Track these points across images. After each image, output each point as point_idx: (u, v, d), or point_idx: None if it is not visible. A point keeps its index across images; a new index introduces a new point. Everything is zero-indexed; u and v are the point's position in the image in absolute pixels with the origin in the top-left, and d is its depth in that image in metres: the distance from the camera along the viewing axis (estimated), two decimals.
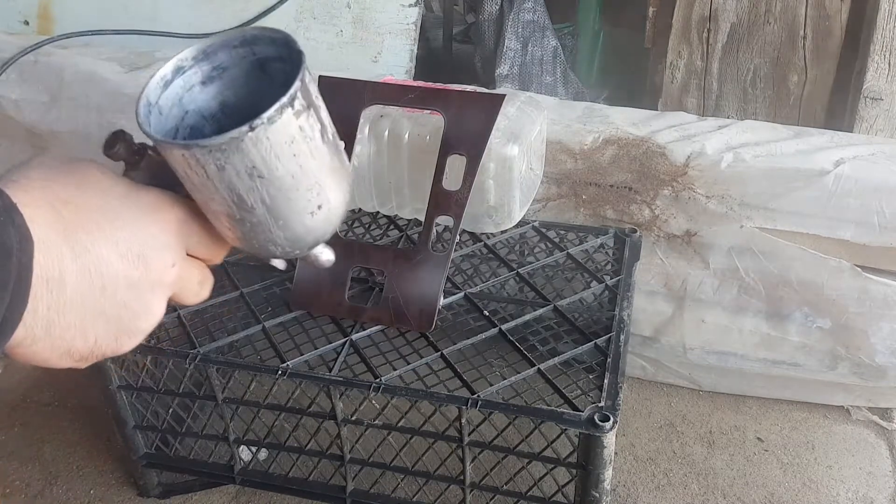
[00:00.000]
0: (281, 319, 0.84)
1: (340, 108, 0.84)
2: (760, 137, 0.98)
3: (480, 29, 1.62)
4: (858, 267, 0.93)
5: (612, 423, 0.70)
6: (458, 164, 0.81)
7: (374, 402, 0.77)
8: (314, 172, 0.42)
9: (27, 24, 1.46)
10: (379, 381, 0.76)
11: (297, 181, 0.41)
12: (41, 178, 0.38)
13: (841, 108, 1.28)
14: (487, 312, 0.84)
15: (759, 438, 1.01)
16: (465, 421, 0.75)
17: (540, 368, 0.77)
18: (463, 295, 0.86)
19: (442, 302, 0.83)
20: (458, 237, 0.82)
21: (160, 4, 1.41)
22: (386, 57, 1.35)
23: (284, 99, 0.38)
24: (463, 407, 0.73)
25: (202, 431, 0.88)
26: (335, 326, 0.84)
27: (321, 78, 0.85)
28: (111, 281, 0.38)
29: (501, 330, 0.82)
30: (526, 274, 0.90)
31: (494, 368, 0.82)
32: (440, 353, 0.79)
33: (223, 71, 0.44)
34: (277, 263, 0.50)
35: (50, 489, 0.96)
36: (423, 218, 0.82)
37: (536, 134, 0.89)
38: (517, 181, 0.86)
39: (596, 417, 0.71)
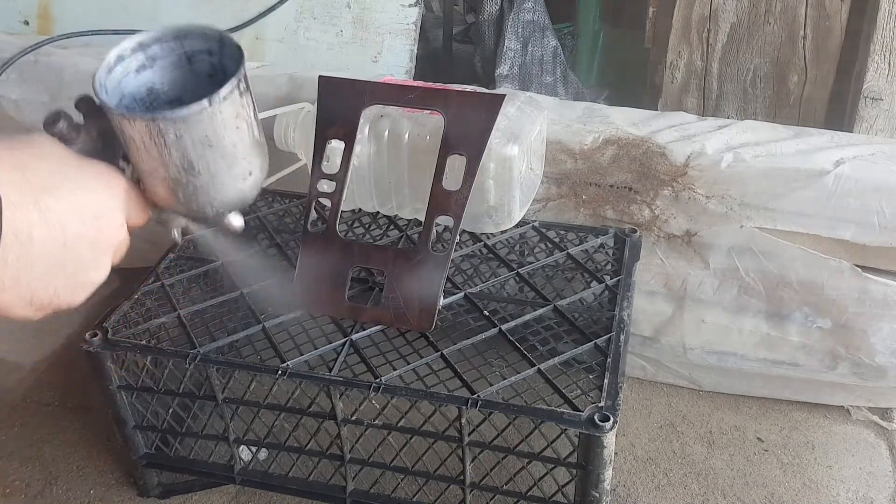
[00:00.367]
0: (281, 319, 0.84)
1: (340, 108, 0.84)
2: (760, 137, 0.99)
3: (480, 29, 1.62)
4: (858, 267, 0.93)
5: (612, 423, 0.70)
6: (458, 164, 0.81)
7: (374, 402, 0.77)
8: (249, 143, 0.50)
9: (27, 24, 1.46)
10: (379, 381, 0.76)
11: (236, 150, 0.49)
12: (5, 147, 0.42)
13: (841, 108, 1.28)
14: (487, 312, 0.84)
15: (759, 438, 1.01)
16: (465, 421, 0.75)
17: (540, 368, 0.77)
18: (463, 295, 0.87)
19: (442, 302, 0.83)
20: (458, 237, 0.83)
21: (160, 4, 1.40)
22: (386, 57, 1.35)
23: (235, 80, 0.46)
24: (463, 407, 0.73)
25: (202, 431, 0.88)
26: (335, 326, 0.84)
27: (321, 78, 0.85)
28: (72, 238, 0.43)
29: (501, 330, 0.82)
30: (526, 274, 0.90)
31: (494, 368, 0.82)
32: (440, 353, 0.79)
33: (154, 61, 0.51)
34: (234, 220, 0.56)
35: (50, 489, 0.96)
36: (423, 218, 0.82)
37: (536, 134, 0.89)
38: (517, 181, 0.86)
39: (596, 417, 0.71)
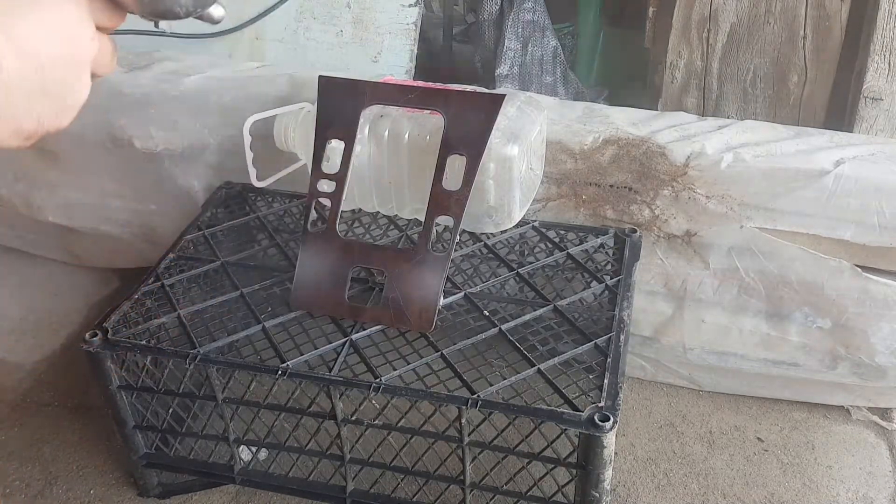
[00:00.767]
0: (281, 319, 0.84)
1: (340, 108, 0.84)
2: (760, 137, 0.98)
3: (480, 29, 1.62)
4: (858, 267, 0.93)
5: (612, 423, 0.70)
6: (458, 164, 0.81)
7: (374, 402, 0.77)
8: None
9: None
10: (379, 381, 0.76)
11: None
12: None
13: (841, 108, 1.28)
14: (487, 312, 0.84)
15: (759, 438, 1.01)
16: (465, 421, 0.75)
17: (540, 368, 0.77)
18: (463, 295, 0.87)
19: (442, 302, 0.83)
20: (458, 237, 0.83)
21: None
22: (386, 57, 1.35)
23: None
24: (463, 407, 0.73)
25: (202, 431, 0.88)
26: (335, 326, 0.84)
27: (321, 78, 0.85)
28: (47, 60, 0.41)
29: (501, 330, 0.82)
30: (526, 274, 0.90)
31: (494, 368, 0.82)
32: (440, 353, 0.79)
33: None
34: (213, 11, 0.53)
35: (50, 489, 0.96)
36: (423, 218, 0.82)
37: (536, 134, 0.89)
38: (517, 181, 0.86)
39: (596, 417, 0.71)
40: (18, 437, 1.03)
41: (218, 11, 0.52)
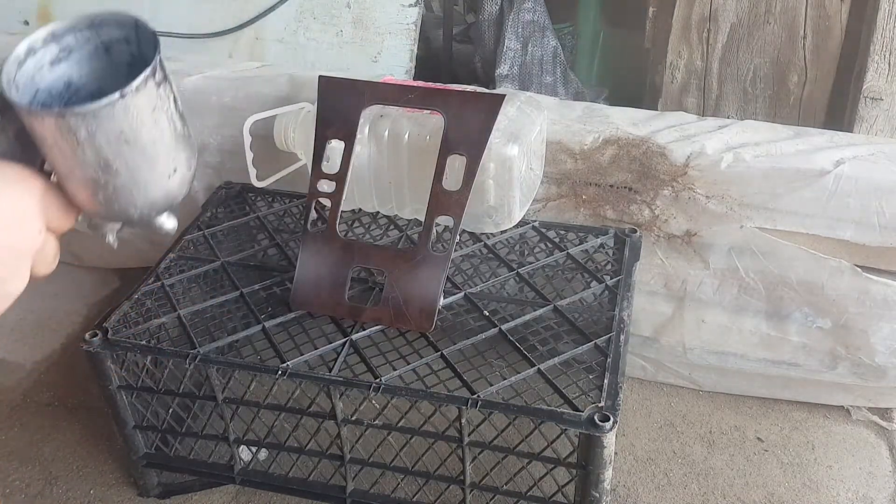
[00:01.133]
0: (281, 319, 0.84)
1: (340, 108, 0.84)
2: (760, 137, 0.98)
3: (480, 29, 1.62)
4: (858, 267, 0.93)
5: (612, 423, 0.70)
6: (458, 164, 0.81)
7: (374, 402, 0.77)
8: (170, 138, 0.46)
9: (27, 24, 1.46)
10: (379, 381, 0.76)
11: (157, 146, 0.45)
12: None
13: (841, 108, 1.29)
14: (487, 312, 0.84)
15: (759, 438, 1.01)
16: (465, 421, 0.75)
17: (540, 368, 0.77)
18: (463, 295, 0.87)
19: (442, 302, 0.83)
20: (458, 237, 0.83)
21: (160, 4, 1.41)
22: (386, 57, 1.35)
23: (148, 70, 0.43)
24: (463, 407, 0.73)
25: (202, 431, 0.88)
26: (335, 326, 0.84)
27: (321, 78, 0.85)
28: None
29: (501, 330, 0.82)
30: (526, 274, 0.90)
31: (494, 368, 0.82)
32: (440, 353, 0.79)
33: (69, 52, 0.47)
34: (165, 222, 0.53)
35: (50, 489, 0.96)
36: (423, 218, 0.82)
37: (536, 134, 0.89)
38: (517, 181, 0.86)
39: (596, 417, 0.71)
40: (18, 437, 1.03)
41: (170, 223, 0.51)
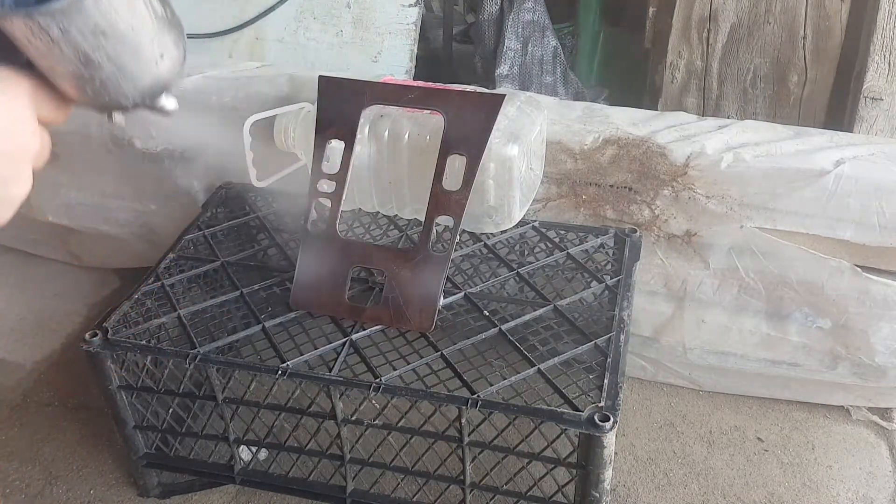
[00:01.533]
0: (281, 319, 0.84)
1: (340, 108, 0.84)
2: (760, 137, 0.98)
3: (480, 29, 1.62)
4: (858, 267, 0.93)
5: (612, 423, 0.70)
6: (458, 164, 0.81)
7: (374, 402, 0.77)
8: (151, 23, 0.45)
9: None
10: (379, 381, 0.76)
11: (137, 34, 0.44)
12: None
13: (841, 108, 1.28)
14: (487, 312, 0.84)
15: (759, 438, 1.01)
16: (465, 421, 0.75)
17: (540, 368, 0.77)
18: (463, 295, 0.87)
19: (442, 302, 0.83)
20: (458, 237, 0.83)
21: None
22: (386, 57, 1.35)
23: None
24: (463, 407, 0.73)
25: (202, 431, 0.88)
26: (335, 326, 0.84)
27: (321, 78, 0.85)
28: None
29: (501, 330, 0.82)
30: (526, 274, 0.90)
31: (494, 368, 0.82)
32: (440, 353, 0.79)
33: None
34: (166, 103, 0.52)
35: (50, 489, 0.96)
36: (423, 218, 0.82)
37: (536, 134, 0.89)
38: (517, 181, 0.86)
39: (596, 417, 0.71)
40: (18, 437, 1.03)
41: (170, 103, 0.51)
